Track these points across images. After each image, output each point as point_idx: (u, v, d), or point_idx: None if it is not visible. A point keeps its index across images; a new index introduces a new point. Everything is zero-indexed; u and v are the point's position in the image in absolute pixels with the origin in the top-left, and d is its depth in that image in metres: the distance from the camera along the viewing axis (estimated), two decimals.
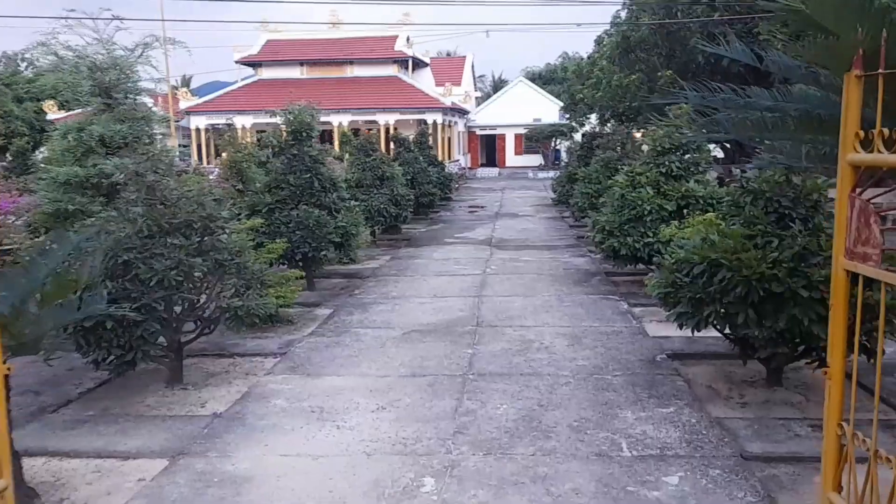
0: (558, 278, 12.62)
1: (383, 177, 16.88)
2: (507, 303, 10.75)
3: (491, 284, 12.18)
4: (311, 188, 11.89)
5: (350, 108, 37.78)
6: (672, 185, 11.16)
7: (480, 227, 20.55)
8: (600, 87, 25.85)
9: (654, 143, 11.56)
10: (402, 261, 14.94)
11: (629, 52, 19.92)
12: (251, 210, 11.80)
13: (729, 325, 6.47)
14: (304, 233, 11.41)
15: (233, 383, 7.50)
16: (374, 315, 10.25)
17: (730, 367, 7.53)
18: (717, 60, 16.80)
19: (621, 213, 11.30)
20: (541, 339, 8.73)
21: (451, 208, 26.32)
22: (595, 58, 29.89)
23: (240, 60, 42.19)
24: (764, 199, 6.61)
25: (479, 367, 7.71)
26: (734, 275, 6.16)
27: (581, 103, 29.92)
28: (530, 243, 17.00)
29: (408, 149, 22.47)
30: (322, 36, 42.56)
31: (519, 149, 49.23)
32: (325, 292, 12.09)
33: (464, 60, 51.12)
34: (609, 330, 9.09)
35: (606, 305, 10.47)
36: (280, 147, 12.20)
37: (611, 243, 11.20)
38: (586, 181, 16.87)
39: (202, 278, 7.25)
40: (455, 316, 10.03)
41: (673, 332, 8.64)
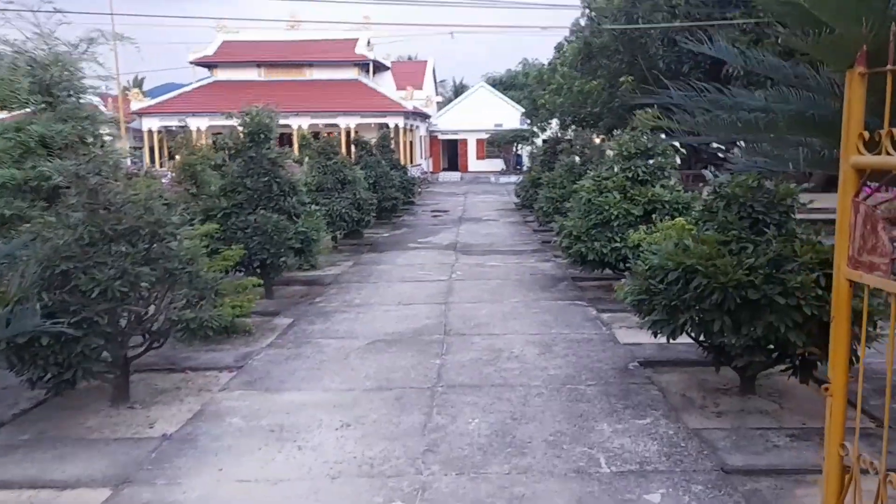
0: (525, 284, 12.38)
1: (345, 181, 16.49)
2: (474, 309, 10.46)
3: (457, 290, 11.89)
4: (269, 192, 11.47)
5: (310, 112, 37.23)
6: (638, 189, 11.02)
7: (444, 231, 20.27)
8: (561, 93, 25.83)
9: (619, 147, 11.40)
10: (365, 266, 14.57)
11: (590, 58, 19.86)
12: (205, 215, 11.32)
13: (704, 333, 6.27)
14: (262, 239, 10.99)
15: (184, 401, 7.06)
16: (337, 324, 9.87)
17: (703, 375, 7.34)
18: (677, 67, 16.86)
19: (588, 218, 11.11)
20: (511, 347, 8.46)
21: (414, 213, 26.00)
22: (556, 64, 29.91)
23: (194, 61, 41.34)
24: (738, 205, 6.44)
25: (449, 378, 7.39)
26: (710, 281, 5.95)
27: (542, 108, 29.88)
28: (495, 248, 16.76)
29: (369, 152, 22.09)
30: (280, 38, 41.97)
31: (481, 153, 49.16)
32: (284, 300, 11.67)
33: (425, 65, 50.93)
34: (579, 337, 8.86)
35: (575, 312, 10.25)
36: (236, 149, 11.75)
37: (578, 248, 11.00)
38: (550, 186, 16.71)
39: (150, 289, 6.80)
40: (422, 324, 9.70)
41: (644, 338, 8.45)
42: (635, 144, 11.25)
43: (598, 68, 19.95)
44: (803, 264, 5.81)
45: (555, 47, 30.81)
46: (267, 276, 11.77)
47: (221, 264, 9.82)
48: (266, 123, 11.68)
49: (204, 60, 41.22)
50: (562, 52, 28.86)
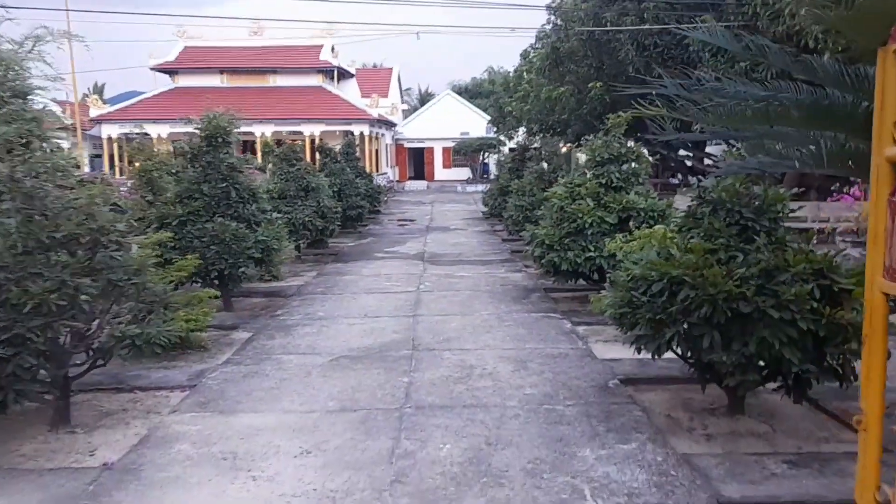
0: (496, 295, 11.95)
1: (308, 188, 15.93)
2: (444, 322, 9.99)
3: (426, 302, 11.41)
4: (227, 199, 10.90)
5: (273, 119, 36.54)
6: (612, 196, 10.68)
7: (412, 240, 19.79)
8: (528, 100, 25.55)
9: (592, 153, 11.06)
10: (329, 277, 14.02)
11: (558, 63, 19.58)
12: (160, 223, 10.71)
13: (692, 350, 5.88)
14: (220, 248, 10.40)
15: (131, 424, 6.47)
16: (299, 339, 9.33)
17: (687, 393, 6.96)
18: (646, 72, 16.60)
19: (561, 226, 10.74)
20: (483, 363, 8.01)
21: (380, 221, 25.47)
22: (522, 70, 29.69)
23: (155, 67, 40.32)
24: (725, 211, 6.08)
25: (418, 398, 6.91)
26: (698, 293, 5.57)
27: (509, 116, 29.61)
28: (464, 258, 16.32)
29: (334, 159, 21.54)
30: (244, 44, 41.16)
31: (447, 162, 48.81)
32: (243, 313, 11.08)
33: (391, 72, 50.46)
34: (555, 352, 8.44)
35: (549, 325, 9.83)
36: (193, 154, 11.15)
37: (551, 258, 10.60)
38: (520, 194, 16.35)
39: (91, 302, 6.21)
40: (389, 338, 9.21)
41: (622, 353, 8.08)
42: (608, 150, 10.91)
43: (567, 74, 19.68)
44: (796, 275, 5.46)
45: (521, 54, 30.54)
46: (225, 288, 11.18)
47: (175, 275, 9.22)
48: (224, 127, 11.12)
49: (165, 66, 40.24)
50: (528, 58, 28.62)
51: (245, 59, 40.10)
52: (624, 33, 16.52)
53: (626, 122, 11.05)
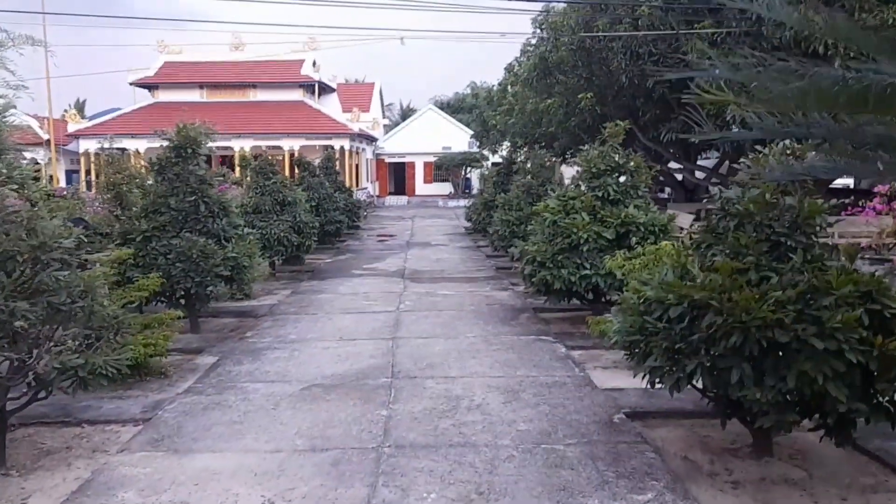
0: (482, 315, 11.15)
1: (284, 202, 15.09)
2: (426, 346, 9.18)
3: (406, 324, 10.59)
4: (196, 213, 10.04)
5: (253, 133, 35.73)
6: (609, 210, 9.95)
7: (392, 257, 18.96)
8: (513, 114, 24.91)
9: (587, 164, 10.34)
10: (304, 296, 13.15)
11: (546, 74, 18.95)
12: (123, 238, 9.85)
13: (718, 384, 5.11)
14: (187, 265, 9.55)
15: (73, 465, 5.59)
16: (268, 364, 8.46)
17: (703, 430, 6.20)
18: (640, 82, 16.01)
19: (553, 242, 9.99)
20: (470, 394, 7.19)
21: (359, 237, 24.63)
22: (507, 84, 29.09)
23: (135, 82, 39.43)
24: (753, 224, 5.35)
25: (398, 435, 6.08)
26: (726, 319, 4.82)
27: (493, 130, 28.96)
28: (447, 275, 15.52)
29: (312, 173, 20.72)
30: (224, 58, 40.38)
31: (429, 177, 48.08)
32: (211, 335, 10.20)
33: (372, 87, 49.86)
34: (550, 380, 7.64)
35: (542, 349, 9.05)
36: (160, 165, 10.30)
37: (542, 276, 9.84)
38: (506, 208, 15.61)
39: (28, 328, 5.36)
40: (366, 364, 8.37)
41: (624, 381, 7.34)
42: (604, 160, 10.20)
43: (555, 84, 19.04)
44: (840, 298, 4.72)
45: (505, 68, 29.89)
46: (192, 308, 10.31)
47: (135, 295, 8.36)
48: (193, 137, 10.28)
49: (144, 82, 39.36)
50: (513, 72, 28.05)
51: (225, 74, 39.33)
52: (616, 42, 15.91)
53: (624, 132, 10.37)
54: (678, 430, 6.25)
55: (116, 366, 5.71)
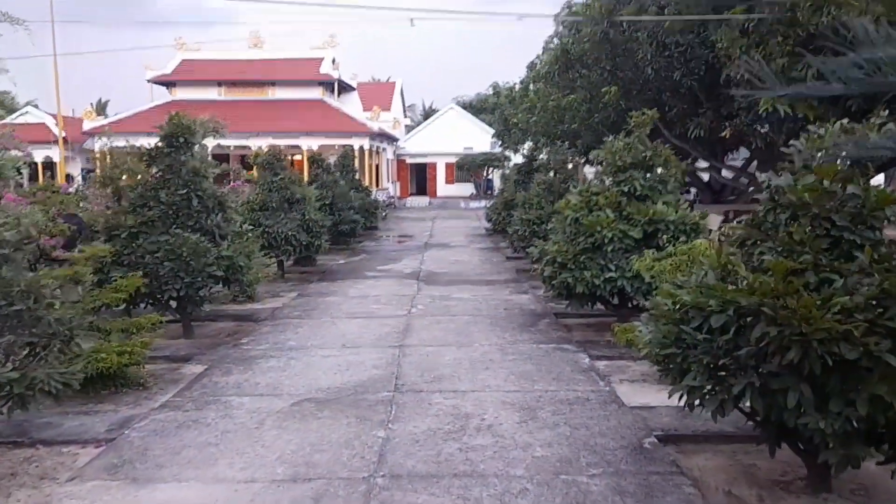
0: (498, 321, 10.32)
1: (292, 199, 14.36)
2: (435, 355, 8.37)
3: (416, 330, 9.79)
4: (188, 208, 9.34)
5: (271, 132, 35.06)
6: (636, 206, 9.08)
7: (408, 258, 18.18)
8: (535, 111, 24.00)
9: (611, 157, 9.47)
10: (310, 298, 12.41)
11: (568, 67, 18.03)
12: (108, 235, 9.18)
13: (770, 409, 4.24)
14: (176, 264, 8.84)
15: (12, 497, 4.86)
16: (259, 375, 7.71)
17: (747, 457, 5.33)
18: (666, 74, 15.07)
19: (575, 242, 9.14)
20: (481, 411, 6.37)
21: (376, 238, 23.89)
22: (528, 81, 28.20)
23: (153, 80, 39.09)
24: (809, 217, 4.48)
25: (394, 462, 5.28)
26: (782, 331, 3.96)
27: (515, 128, 28.05)
28: (464, 277, 14.70)
29: (327, 171, 20.01)
30: (242, 56, 39.95)
31: (450, 178, 47.23)
32: (204, 341, 9.49)
33: (393, 86, 49.17)
34: (571, 396, 6.80)
35: (562, 359, 8.19)
36: (150, 156, 9.62)
37: (563, 279, 8.99)
38: (526, 207, 14.76)
39: None
40: (367, 376, 7.59)
41: (654, 397, 6.50)
42: (631, 153, 9.33)
43: (577, 79, 18.11)
44: None
45: (527, 66, 28.97)
46: (184, 311, 9.61)
47: (112, 297, 7.65)
48: (186, 126, 9.59)
49: (162, 79, 39.02)
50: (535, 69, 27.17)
51: (243, 72, 38.85)
52: (642, 32, 14.96)
53: (652, 121, 9.50)
54: (718, 458, 5.38)
55: (64, 380, 4.99)
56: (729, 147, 20.24)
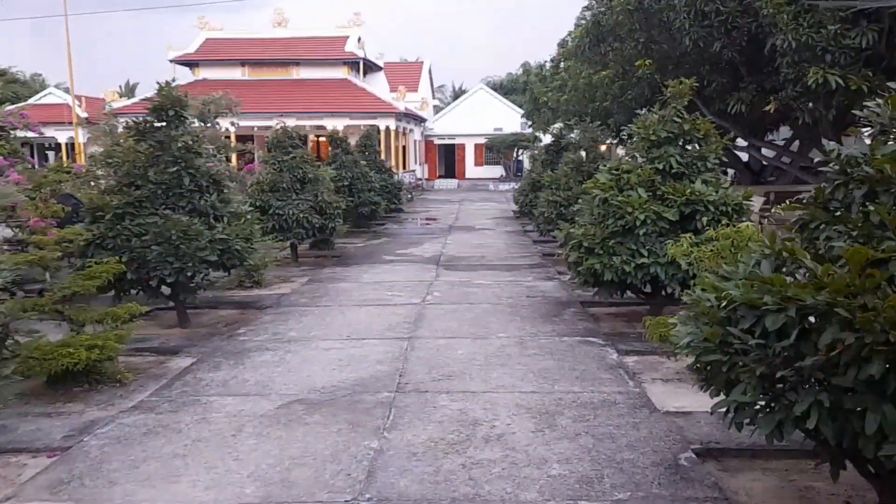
0: (520, 310, 9.48)
1: (305, 179, 13.62)
2: (447, 349, 7.58)
3: (429, 319, 9.00)
4: (179, 187, 8.64)
5: (295, 112, 34.37)
6: (672, 185, 8.15)
7: (430, 241, 17.38)
8: (566, 90, 22.97)
9: (645, 130, 8.54)
10: (321, 284, 11.68)
11: (600, 41, 16.95)
12: (93, 216, 8.51)
13: (842, 433, 3.36)
14: (164, 248, 8.15)
15: None
16: (251, 370, 6.99)
17: (803, 477, 4.48)
18: (705, 46, 13.96)
19: (604, 225, 8.26)
20: (492, 417, 5.57)
21: (399, 220, 23.13)
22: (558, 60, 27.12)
23: (175, 60, 38.58)
24: (892, 195, 3.57)
25: (385, 481, 4.50)
26: (860, 337, 3.08)
27: (545, 107, 27.01)
28: (486, 262, 13.86)
29: (346, 150, 19.24)
30: (266, 35, 39.28)
31: (479, 159, 46.23)
32: (199, 330, 8.82)
33: (421, 66, 48.12)
34: (596, 399, 5.96)
35: (587, 354, 7.34)
36: (138, 131, 8.92)
37: (590, 265, 8.11)
38: (553, 187, 13.84)
39: None
40: (369, 372, 6.82)
41: (691, 400, 5.68)
42: (666, 126, 8.39)
43: (609, 52, 17.04)
44: None
45: (558, 44, 27.91)
46: (177, 299, 8.94)
47: (84, 285, 6.95)
48: (177, 98, 8.86)
49: (185, 59, 38.51)
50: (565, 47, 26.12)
51: (268, 51, 38.19)
52: (680, 1, 13.86)
53: (691, 91, 8.54)
54: (769, 479, 4.52)
55: None
56: (769, 125, 19.04)
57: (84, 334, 6.65)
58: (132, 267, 8.21)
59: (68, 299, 7.11)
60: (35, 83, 51.91)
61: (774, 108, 12.43)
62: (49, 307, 6.87)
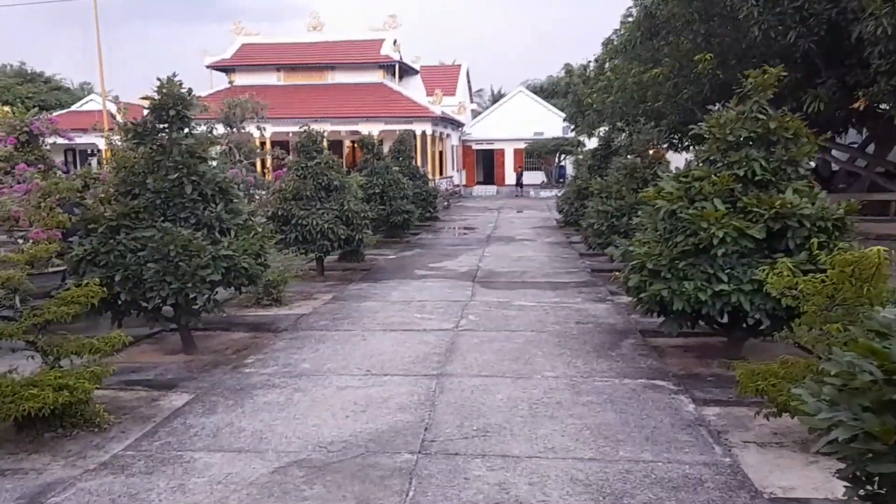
0: (569, 340, 8.20)
1: (330, 187, 12.51)
2: (484, 392, 6.34)
3: (463, 350, 7.77)
4: (180, 196, 7.57)
5: (330, 117, 33.55)
6: (756, 196, 6.80)
7: (466, 253, 16.14)
8: (612, 91, 21.59)
9: (720, 130, 7.22)
10: (345, 303, 10.53)
11: (653, 35, 15.61)
12: (86, 229, 7.48)
13: None
14: (162, 265, 7.06)
15: None
16: (249, 416, 5.83)
17: None
18: (776, 36, 12.51)
19: (671, 243, 6.94)
20: (541, 497, 4.31)
21: (434, 230, 21.95)
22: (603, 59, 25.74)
23: (211, 65, 38.10)
24: None
25: None
26: None
27: (590, 110, 25.61)
28: (528, 279, 12.58)
29: (378, 156, 18.14)
30: (302, 40, 38.56)
31: (519, 165, 44.90)
32: (203, 358, 7.73)
33: (458, 70, 47.01)
34: (675, 473, 4.65)
35: (657, 403, 6.03)
36: (136, 132, 7.86)
37: (656, 291, 6.80)
38: (603, 196, 12.49)
39: None
40: (388, 422, 5.62)
41: (800, 476, 4.39)
42: (746, 125, 7.06)
43: (664, 47, 15.67)
44: None
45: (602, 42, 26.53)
46: (178, 322, 7.86)
47: (58, 312, 5.87)
48: (178, 95, 7.78)
49: (221, 64, 38.01)
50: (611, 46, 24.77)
51: (303, 55, 37.49)
52: None
53: (777, 81, 7.20)
54: None
55: None
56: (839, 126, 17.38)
57: (58, 370, 5.61)
58: (126, 286, 7.17)
59: (41, 327, 6.07)
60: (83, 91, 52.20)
61: (864, 105, 10.95)
62: (19, 336, 5.85)
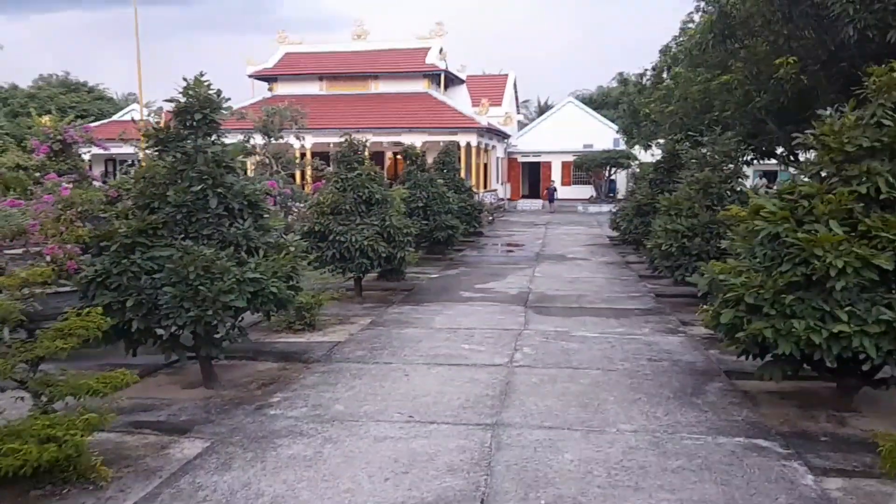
0: (643, 382, 7.07)
1: (371, 200, 11.58)
2: (550, 449, 5.27)
3: (520, 392, 6.71)
4: (204, 210, 6.70)
5: (372, 128, 32.83)
6: (881, 218, 5.64)
7: (514, 273, 15.05)
8: (672, 100, 20.32)
9: (833, 139, 6.07)
10: (384, 329, 9.55)
11: (727, 37, 14.34)
12: (98, 247, 6.66)
13: None
14: (179, 290, 6.18)
15: None
16: (270, 475, 4.86)
17: None
18: (873, 36, 11.20)
19: (775, 273, 5.81)
20: None
21: (479, 246, 20.92)
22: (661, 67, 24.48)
23: (253, 74, 37.81)
24: None
25: None
26: None
27: (646, 120, 24.32)
28: (586, 304, 11.44)
29: (421, 167, 17.20)
30: (345, 49, 38.00)
31: (567, 178, 43.55)
32: (225, 394, 6.82)
33: (505, 79, 45.94)
34: None
35: (764, 472, 4.88)
36: (158, 139, 7.02)
37: (757, 329, 5.67)
38: (672, 213, 11.31)
39: None
40: (435, 492, 4.59)
41: None
42: (866, 133, 5.90)
43: (740, 50, 14.41)
44: None
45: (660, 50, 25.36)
46: (198, 353, 6.96)
47: (49, 348, 4.99)
48: (208, 97, 6.92)
49: (263, 73, 37.69)
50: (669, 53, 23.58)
51: (346, 65, 36.93)
52: None
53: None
54: None
55: None
56: None
57: (47, 416, 4.75)
58: (139, 313, 6.32)
59: (33, 364, 5.23)
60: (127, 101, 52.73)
61: None
62: (7, 374, 5.00)
